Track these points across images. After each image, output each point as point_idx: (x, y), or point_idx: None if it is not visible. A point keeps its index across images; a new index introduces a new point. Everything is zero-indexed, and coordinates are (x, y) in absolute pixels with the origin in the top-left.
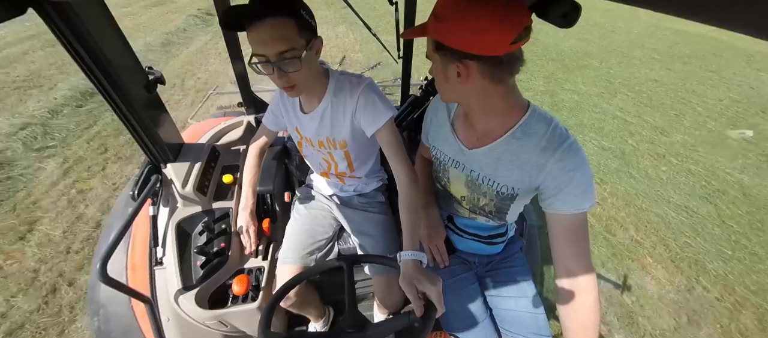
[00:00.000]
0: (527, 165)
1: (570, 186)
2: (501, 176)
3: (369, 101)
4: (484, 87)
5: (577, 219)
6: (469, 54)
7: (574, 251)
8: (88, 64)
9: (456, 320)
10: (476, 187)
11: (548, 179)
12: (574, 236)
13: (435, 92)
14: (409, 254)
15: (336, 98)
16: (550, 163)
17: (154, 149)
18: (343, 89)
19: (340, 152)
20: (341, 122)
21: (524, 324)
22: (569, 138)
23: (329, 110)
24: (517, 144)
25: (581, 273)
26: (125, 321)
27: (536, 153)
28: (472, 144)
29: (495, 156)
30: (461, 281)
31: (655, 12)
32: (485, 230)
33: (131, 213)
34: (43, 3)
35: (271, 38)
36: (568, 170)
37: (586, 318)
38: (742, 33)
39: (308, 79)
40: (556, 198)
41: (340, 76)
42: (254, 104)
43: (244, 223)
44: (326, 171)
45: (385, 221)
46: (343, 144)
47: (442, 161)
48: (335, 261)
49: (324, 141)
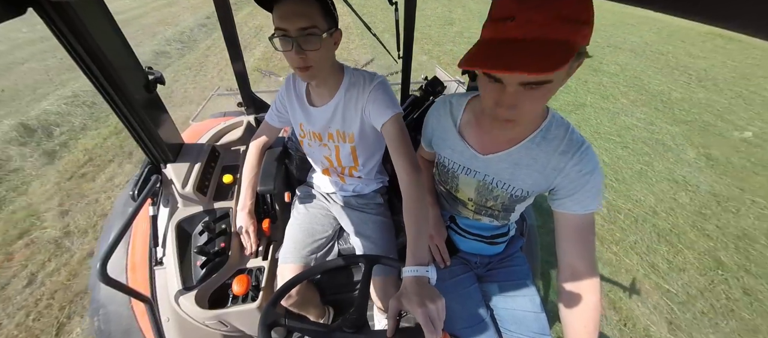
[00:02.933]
0: (546, 169)
1: (585, 188)
2: (518, 180)
3: (379, 96)
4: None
5: (586, 220)
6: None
7: (581, 251)
8: (88, 64)
9: (456, 320)
10: (488, 191)
11: (565, 182)
12: (582, 236)
13: (435, 92)
14: (409, 270)
15: (349, 92)
16: (568, 166)
17: (154, 149)
18: (357, 84)
19: (347, 146)
20: (353, 116)
21: (525, 324)
22: (585, 142)
23: (342, 104)
24: (537, 149)
25: (586, 272)
26: (125, 321)
27: (556, 157)
28: (487, 150)
29: (513, 161)
30: (462, 281)
31: (655, 12)
32: (488, 231)
33: (131, 213)
34: (43, 3)
35: (293, 13)
36: (585, 173)
37: (588, 317)
38: (743, 33)
39: (324, 64)
40: (570, 199)
41: (355, 71)
42: (254, 104)
43: (244, 223)
44: (328, 168)
45: (383, 223)
46: (351, 138)
47: (449, 169)
48: (354, 257)
49: (333, 134)
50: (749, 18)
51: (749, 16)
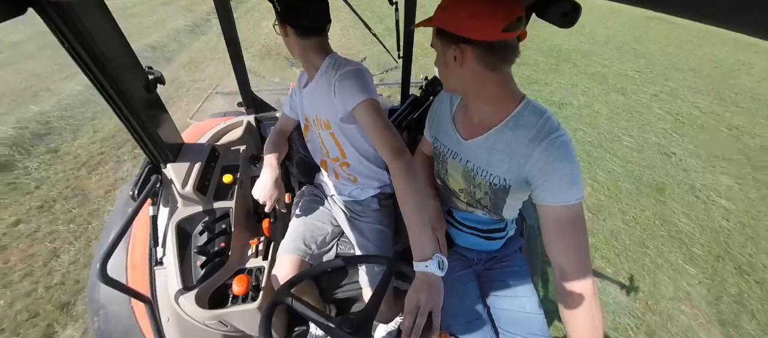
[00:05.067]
0: (516, 155)
1: (555, 176)
2: (493, 167)
3: (348, 80)
4: (479, 73)
5: (567, 213)
6: (464, 38)
7: (566, 247)
8: (88, 64)
9: (454, 318)
10: (472, 179)
11: (534, 169)
12: (565, 232)
13: (435, 91)
14: (417, 266)
15: (324, 76)
16: (535, 152)
17: (154, 149)
18: (334, 68)
19: (326, 133)
20: (325, 102)
21: (522, 324)
22: (558, 131)
23: (316, 87)
24: (510, 134)
25: (574, 271)
26: (125, 321)
27: (525, 143)
28: (468, 135)
29: (488, 146)
30: (460, 278)
31: (655, 12)
32: (483, 224)
33: (131, 213)
34: (43, 3)
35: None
36: (553, 160)
37: (584, 316)
38: (743, 33)
39: (292, 50)
40: (542, 188)
41: (338, 58)
42: (254, 104)
43: (267, 192)
44: (325, 158)
45: (379, 231)
46: (327, 124)
47: (441, 153)
48: (376, 257)
49: (312, 120)
50: (749, 18)
51: (749, 16)
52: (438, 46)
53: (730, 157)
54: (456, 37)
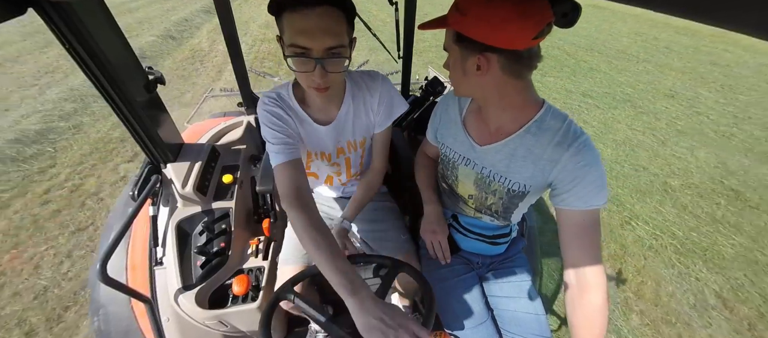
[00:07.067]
0: (541, 161)
1: (584, 181)
2: (514, 173)
3: (387, 96)
4: (504, 81)
5: (590, 217)
6: (491, 47)
7: (585, 249)
8: (88, 64)
9: (457, 319)
10: (486, 185)
11: (562, 175)
12: (586, 234)
13: (435, 92)
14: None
15: (355, 99)
16: (564, 158)
17: (154, 149)
18: (361, 87)
19: (358, 153)
20: (363, 121)
21: (525, 325)
22: (584, 135)
23: (352, 112)
24: (532, 140)
25: (591, 272)
26: (125, 321)
27: (551, 148)
28: (484, 141)
29: (508, 152)
30: (463, 281)
31: (655, 12)
32: (490, 230)
33: (131, 213)
34: (43, 3)
35: (319, 30)
36: (583, 165)
37: (594, 317)
38: (742, 33)
39: (341, 79)
40: (570, 194)
41: (354, 74)
42: (254, 104)
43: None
44: (333, 175)
45: (391, 208)
46: (362, 144)
47: (450, 159)
48: (377, 257)
49: (344, 147)
50: (749, 18)
51: (749, 16)
52: (456, 53)
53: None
54: (481, 45)
